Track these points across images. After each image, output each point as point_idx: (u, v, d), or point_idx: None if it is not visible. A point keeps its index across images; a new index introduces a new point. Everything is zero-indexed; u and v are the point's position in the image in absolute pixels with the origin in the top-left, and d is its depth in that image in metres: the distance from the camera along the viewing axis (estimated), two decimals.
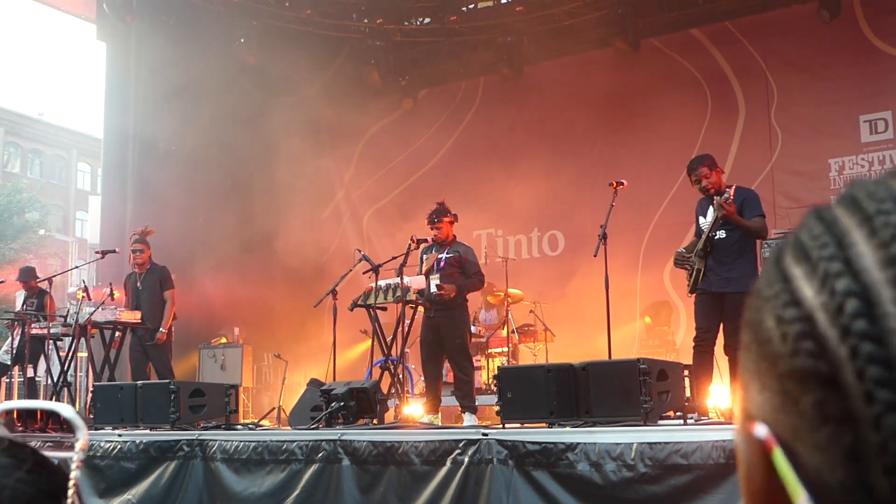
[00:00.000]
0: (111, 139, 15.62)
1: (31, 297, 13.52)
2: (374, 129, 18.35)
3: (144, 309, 11.85)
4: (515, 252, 16.30)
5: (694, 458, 6.08)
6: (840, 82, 13.95)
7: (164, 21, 15.20)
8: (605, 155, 15.60)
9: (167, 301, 12.01)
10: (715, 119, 14.87)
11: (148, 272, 12.13)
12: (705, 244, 8.46)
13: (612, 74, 15.64)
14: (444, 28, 16.23)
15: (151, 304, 11.93)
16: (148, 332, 11.81)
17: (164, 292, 12.03)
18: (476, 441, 7.00)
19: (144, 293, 12.01)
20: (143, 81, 15.16)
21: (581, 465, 6.47)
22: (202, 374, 14.97)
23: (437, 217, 10.26)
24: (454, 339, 10.00)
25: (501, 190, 16.51)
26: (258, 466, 8.04)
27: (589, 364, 7.37)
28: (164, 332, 11.85)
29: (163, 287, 12.04)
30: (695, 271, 8.51)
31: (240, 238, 15.84)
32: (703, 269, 8.47)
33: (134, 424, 9.35)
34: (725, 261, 8.45)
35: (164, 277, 12.10)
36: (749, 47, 14.76)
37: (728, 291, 8.36)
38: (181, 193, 14.61)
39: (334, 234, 18.32)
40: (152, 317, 11.85)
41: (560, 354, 13.25)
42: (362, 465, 7.48)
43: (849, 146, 13.84)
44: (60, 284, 14.63)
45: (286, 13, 15.59)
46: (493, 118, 16.93)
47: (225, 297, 15.59)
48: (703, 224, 8.68)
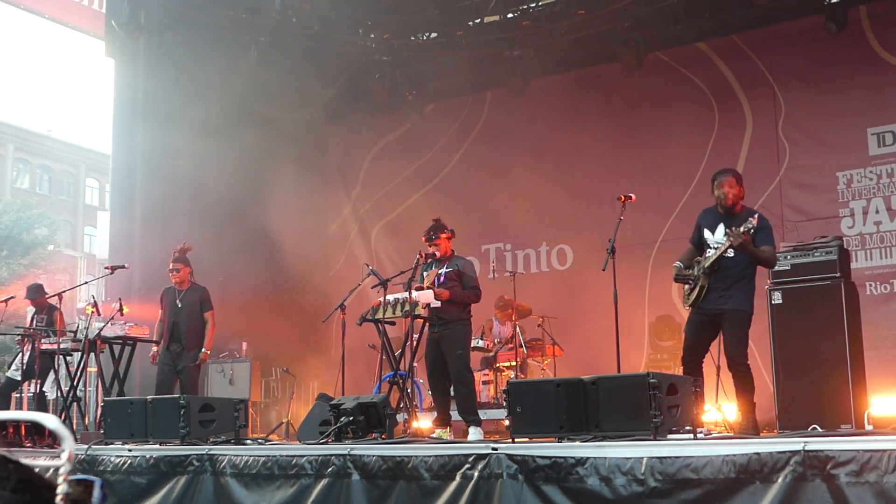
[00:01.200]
0: (119, 155, 15.65)
1: (41, 313, 13.55)
2: (382, 144, 18.38)
3: (183, 327, 11.87)
4: (524, 266, 16.30)
5: (704, 472, 6.06)
6: (847, 95, 13.95)
7: (172, 37, 15.23)
8: (612, 169, 15.59)
9: (207, 322, 12.03)
10: (722, 132, 14.88)
11: (188, 291, 12.13)
12: (714, 263, 8.45)
13: (619, 88, 15.67)
14: (451, 43, 16.24)
15: (189, 322, 11.93)
16: (184, 350, 11.81)
17: (205, 313, 12.05)
18: (486, 455, 6.99)
19: (183, 311, 12.00)
20: (150, 97, 15.19)
21: (591, 480, 6.45)
22: (210, 389, 14.97)
23: (433, 234, 10.28)
24: (454, 351, 10.00)
25: (509, 204, 16.53)
26: (268, 481, 8.03)
27: (599, 378, 7.36)
28: (207, 352, 11.89)
29: (203, 308, 12.06)
30: (698, 287, 8.51)
31: (247, 252, 15.85)
32: (706, 286, 8.48)
33: (144, 439, 9.35)
34: (727, 280, 8.48)
35: (204, 298, 12.12)
36: (756, 60, 14.76)
37: (727, 308, 8.42)
38: (189, 208, 14.63)
39: (342, 249, 18.35)
40: (190, 336, 11.86)
41: (568, 368, 13.27)
42: (372, 480, 7.47)
43: (857, 159, 13.82)
44: (69, 300, 14.65)
45: (293, 29, 15.61)
46: (500, 132, 16.94)
47: (233, 312, 15.59)
48: (709, 238, 8.66)
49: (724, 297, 8.44)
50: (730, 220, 8.50)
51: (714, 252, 8.49)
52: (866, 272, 13.33)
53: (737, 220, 8.41)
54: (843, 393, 8.49)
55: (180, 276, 12.09)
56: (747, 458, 5.95)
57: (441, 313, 10.03)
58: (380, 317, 10.10)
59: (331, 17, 15.71)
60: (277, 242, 16.26)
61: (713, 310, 8.48)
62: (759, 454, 5.93)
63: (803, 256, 9.08)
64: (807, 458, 5.75)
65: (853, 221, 13.74)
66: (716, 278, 8.49)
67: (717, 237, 8.58)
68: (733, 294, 8.43)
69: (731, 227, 8.40)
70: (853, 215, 13.76)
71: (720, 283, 8.47)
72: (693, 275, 8.61)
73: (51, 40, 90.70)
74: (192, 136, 14.86)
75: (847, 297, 8.76)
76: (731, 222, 8.45)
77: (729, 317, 8.40)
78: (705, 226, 8.76)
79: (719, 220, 8.66)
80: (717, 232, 8.61)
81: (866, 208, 13.66)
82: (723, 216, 8.63)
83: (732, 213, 8.57)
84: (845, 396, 8.47)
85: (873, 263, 13.52)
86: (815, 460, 5.72)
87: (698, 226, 8.87)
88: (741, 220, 8.39)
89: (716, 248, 8.51)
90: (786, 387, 8.83)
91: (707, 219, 8.82)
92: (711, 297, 8.49)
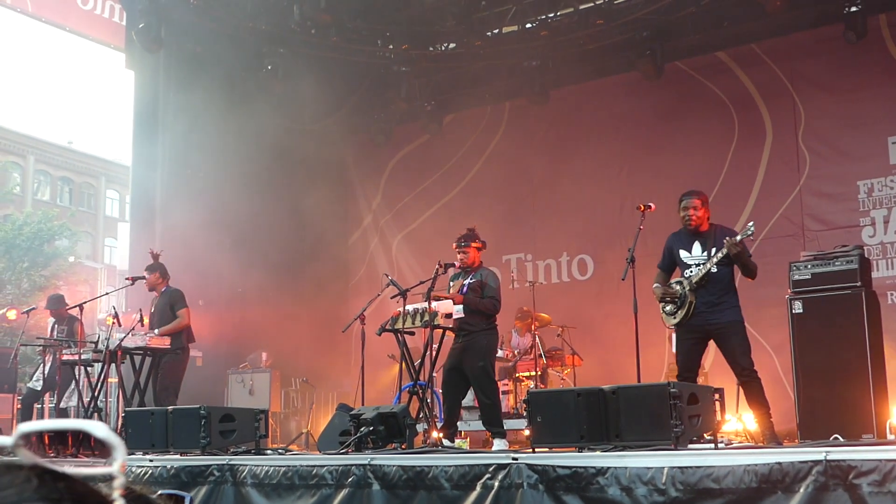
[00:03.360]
0: (139, 166, 15.73)
1: (61, 324, 13.62)
2: (401, 155, 18.41)
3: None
4: (545, 277, 16.28)
5: (725, 482, 6.04)
6: (867, 104, 13.90)
7: (192, 50, 15.32)
8: (632, 179, 15.57)
9: (178, 318, 12.06)
10: (742, 142, 14.84)
11: (161, 295, 12.23)
12: (702, 279, 8.56)
13: (637, 98, 15.64)
14: (470, 53, 16.27)
15: (162, 325, 12.00)
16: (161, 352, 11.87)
17: (176, 312, 12.08)
18: (506, 465, 6.98)
19: (156, 316, 12.15)
20: (170, 109, 15.26)
21: (612, 490, 6.44)
22: (230, 399, 15.01)
23: (465, 241, 10.29)
24: (476, 363, 9.99)
25: (529, 215, 16.54)
26: (288, 491, 8.04)
27: (619, 388, 7.34)
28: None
29: (174, 309, 12.09)
30: (688, 304, 8.61)
31: (266, 263, 15.89)
32: (694, 303, 8.58)
33: (164, 449, 9.37)
34: (716, 293, 8.66)
35: (174, 299, 12.15)
36: (776, 69, 14.72)
37: (724, 321, 8.58)
38: (208, 219, 14.68)
39: (362, 260, 18.37)
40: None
41: (588, 378, 13.23)
42: (392, 490, 7.47)
43: (877, 168, 13.77)
44: (90, 311, 14.68)
45: (312, 40, 15.67)
46: (519, 143, 16.94)
47: (253, 323, 15.64)
48: (685, 258, 8.82)
49: (716, 310, 8.61)
50: (704, 238, 8.76)
51: (700, 268, 8.63)
52: (887, 281, 13.27)
53: (711, 236, 8.68)
54: (864, 402, 8.46)
55: (149, 282, 12.24)
56: (769, 468, 5.93)
57: (465, 324, 10.03)
58: (399, 327, 10.10)
59: (350, 28, 15.76)
60: (297, 253, 16.31)
61: (707, 324, 8.60)
62: (780, 464, 5.90)
63: (824, 266, 9.05)
64: (829, 467, 5.72)
65: (874, 230, 13.67)
66: (704, 293, 8.62)
67: (696, 254, 8.77)
68: (725, 307, 8.63)
69: (707, 242, 8.67)
70: (874, 224, 13.69)
71: (709, 298, 8.63)
72: (679, 293, 8.69)
73: (71, 53, 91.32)
74: (212, 148, 14.94)
75: (868, 307, 8.74)
76: (707, 238, 8.68)
77: (729, 329, 8.56)
78: (679, 247, 8.95)
79: (693, 238, 8.89)
80: (693, 249, 8.83)
81: (887, 217, 13.60)
82: (695, 235, 8.87)
83: (702, 231, 8.73)
84: (867, 406, 8.44)
85: (894, 273, 13.46)
86: (838, 470, 5.70)
87: (669, 249, 9.04)
88: (716, 235, 8.69)
89: (699, 264, 8.64)
90: (807, 396, 8.80)
91: (679, 241, 9.02)
92: (702, 312, 8.60)
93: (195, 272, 13.82)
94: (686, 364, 8.75)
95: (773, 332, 11.89)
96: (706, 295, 8.62)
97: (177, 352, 11.91)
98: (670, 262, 9.03)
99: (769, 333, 12.26)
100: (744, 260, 8.57)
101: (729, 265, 8.67)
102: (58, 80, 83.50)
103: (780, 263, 9.80)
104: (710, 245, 8.68)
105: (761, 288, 10.25)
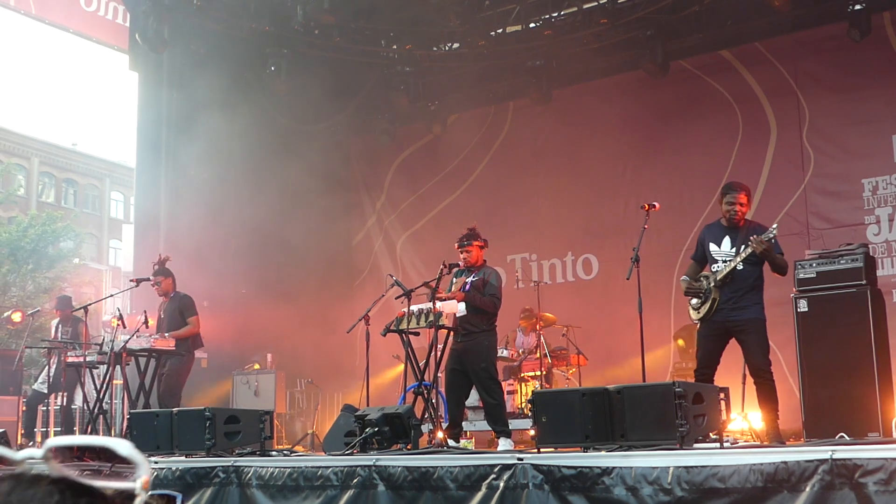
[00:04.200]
0: (143, 168, 15.73)
1: (66, 326, 13.63)
2: (405, 155, 18.42)
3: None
4: (550, 276, 16.27)
5: (731, 481, 6.03)
6: (872, 102, 13.88)
7: (196, 51, 15.32)
8: (636, 178, 15.57)
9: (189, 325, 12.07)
10: (746, 140, 14.83)
11: (171, 300, 12.23)
12: (726, 276, 8.51)
13: (641, 97, 15.64)
14: (473, 53, 16.27)
15: (171, 330, 12.00)
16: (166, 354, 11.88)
17: (186, 319, 12.09)
18: (511, 466, 6.97)
19: (164, 322, 12.14)
20: (174, 111, 15.27)
21: (617, 490, 6.42)
22: (236, 401, 15.01)
23: (466, 241, 10.28)
24: (479, 364, 9.98)
25: (534, 214, 16.53)
26: (294, 492, 8.03)
27: (624, 388, 7.33)
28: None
29: (184, 315, 12.10)
30: (711, 300, 8.57)
31: (271, 264, 15.91)
32: (718, 299, 8.53)
33: (170, 451, 9.36)
34: (740, 291, 8.61)
35: (184, 306, 12.16)
36: (780, 68, 14.70)
37: (745, 318, 8.55)
38: (212, 221, 14.69)
39: (367, 260, 18.38)
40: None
41: (593, 378, 13.23)
42: (398, 491, 7.46)
43: (882, 166, 13.75)
44: (95, 312, 14.70)
45: (316, 41, 15.67)
46: (523, 142, 16.94)
47: (257, 324, 15.64)
48: (715, 252, 8.75)
49: (738, 308, 8.55)
50: (735, 233, 8.67)
51: (726, 264, 8.58)
52: (892, 279, 13.24)
53: (742, 233, 8.60)
54: (870, 400, 8.44)
55: (162, 287, 12.25)
56: (774, 467, 5.91)
57: (466, 324, 10.02)
58: (404, 327, 10.09)
59: (353, 28, 15.77)
60: (302, 254, 16.30)
61: (728, 321, 8.56)
62: (786, 463, 5.88)
63: (829, 264, 9.03)
64: (835, 466, 5.71)
65: (879, 228, 13.65)
66: (728, 290, 8.57)
67: (725, 249, 8.68)
68: (748, 304, 8.56)
69: (737, 238, 8.59)
70: (879, 222, 13.67)
71: (733, 295, 8.58)
72: (704, 287, 8.66)
73: (75, 55, 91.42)
74: (216, 149, 14.94)
75: (873, 305, 8.72)
76: (738, 234, 8.59)
77: (749, 327, 8.50)
78: (710, 240, 8.88)
79: (724, 233, 8.81)
80: (723, 244, 8.73)
81: (892, 215, 13.58)
82: (728, 229, 8.78)
83: (738, 226, 8.66)
84: (872, 404, 8.42)
85: None
86: (844, 469, 5.68)
87: (701, 241, 8.98)
88: (746, 232, 8.60)
89: (726, 260, 8.62)
90: (812, 395, 8.79)
91: (711, 233, 8.94)
92: (724, 308, 8.55)
93: (200, 273, 13.81)
94: (705, 360, 8.70)
95: (779, 331, 11.83)
96: (730, 292, 8.57)
97: (182, 355, 11.92)
98: (702, 254, 8.94)
99: (774, 332, 12.18)
100: (772, 257, 8.48)
101: (756, 263, 8.59)
102: (62, 82, 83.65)
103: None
104: (739, 242, 8.60)
105: (766, 287, 10.21)
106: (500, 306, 10.27)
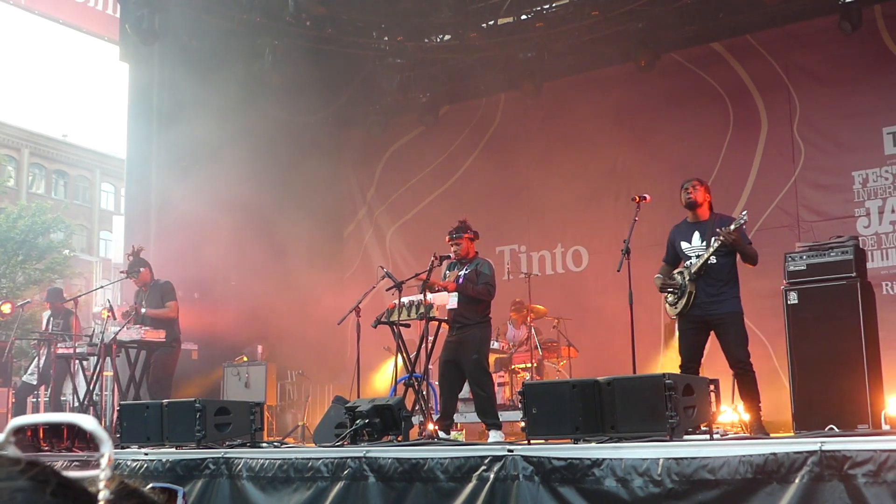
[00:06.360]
0: (134, 159, 15.70)
1: (57, 317, 13.61)
2: (396, 147, 18.40)
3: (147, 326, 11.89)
4: (539, 268, 16.27)
5: (721, 473, 6.05)
6: (863, 94, 13.90)
7: (187, 42, 15.26)
8: (627, 170, 15.58)
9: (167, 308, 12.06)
10: (737, 133, 14.84)
11: (150, 289, 12.20)
12: (700, 269, 8.58)
13: (633, 89, 15.63)
14: (465, 45, 16.25)
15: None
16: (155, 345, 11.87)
17: (165, 303, 12.08)
18: (502, 457, 6.98)
19: (150, 309, 12.10)
20: (165, 102, 15.23)
21: (608, 481, 6.44)
22: (226, 392, 14.99)
23: (456, 233, 10.31)
24: (470, 356, 10.00)
25: (524, 206, 16.54)
26: (284, 484, 8.03)
27: (614, 379, 7.35)
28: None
29: (164, 300, 12.10)
30: (687, 294, 8.65)
31: (262, 255, 15.89)
32: (694, 293, 8.61)
33: (160, 443, 9.36)
34: (716, 284, 8.72)
35: (164, 291, 12.17)
36: (771, 60, 14.71)
37: (723, 312, 8.66)
38: (203, 212, 14.66)
39: (357, 252, 18.37)
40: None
41: (583, 370, 13.24)
42: (388, 482, 7.47)
43: (872, 159, 13.77)
44: (85, 304, 14.69)
45: (307, 32, 15.64)
46: (514, 134, 16.94)
47: (248, 316, 15.62)
48: (686, 249, 8.90)
49: (715, 301, 8.66)
50: (704, 227, 8.81)
51: (699, 258, 8.65)
52: (882, 272, 13.28)
53: (710, 225, 8.69)
54: (859, 393, 8.45)
55: (141, 278, 12.21)
56: (764, 459, 5.93)
57: (459, 316, 10.04)
58: (395, 319, 10.11)
59: (344, 19, 15.75)
60: (292, 245, 16.27)
61: (706, 315, 8.66)
62: (775, 454, 5.90)
63: (819, 256, 9.04)
64: (824, 458, 5.73)
65: (869, 221, 13.68)
66: (704, 283, 8.66)
67: (696, 244, 8.81)
68: (725, 297, 8.68)
69: (706, 232, 8.73)
70: (869, 215, 13.70)
71: (709, 289, 8.70)
72: (679, 283, 8.74)
73: (65, 45, 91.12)
74: (206, 140, 14.89)
75: (863, 297, 8.72)
76: (706, 228, 8.70)
77: (727, 320, 8.62)
78: (680, 239, 9.04)
79: (692, 228, 8.97)
80: (693, 240, 8.88)
81: (882, 208, 13.61)
82: (695, 224, 8.91)
83: (702, 220, 8.76)
84: (862, 396, 8.43)
85: (889, 263, 13.46)
86: (833, 460, 5.70)
87: (671, 242, 9.14)
88: (714, 224, 8.73)
89: (698, 255, 8.70)
90: (802, 387, 8.79)
91: (679, 232, 9.09)
92: (701, 303, 8.64)
93: (190, 265, 13.80)
94: (688, 354, 8.79)
95: (768, 323, 11.88)
96: (706, 286, 8.67)
97: (172, 345, 11.91)
98: (674, 255, 9.08)
99: (764, 324, 12.24)
100: (742, 247, 8.62)
101: (729, 255, 8.70)
102: (52, 73, 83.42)
103: (776, 254, 9.78)
104: (709, 235, 8.71)
105: (756, 279, 10.25)
106: (494, 294, 10.29)
